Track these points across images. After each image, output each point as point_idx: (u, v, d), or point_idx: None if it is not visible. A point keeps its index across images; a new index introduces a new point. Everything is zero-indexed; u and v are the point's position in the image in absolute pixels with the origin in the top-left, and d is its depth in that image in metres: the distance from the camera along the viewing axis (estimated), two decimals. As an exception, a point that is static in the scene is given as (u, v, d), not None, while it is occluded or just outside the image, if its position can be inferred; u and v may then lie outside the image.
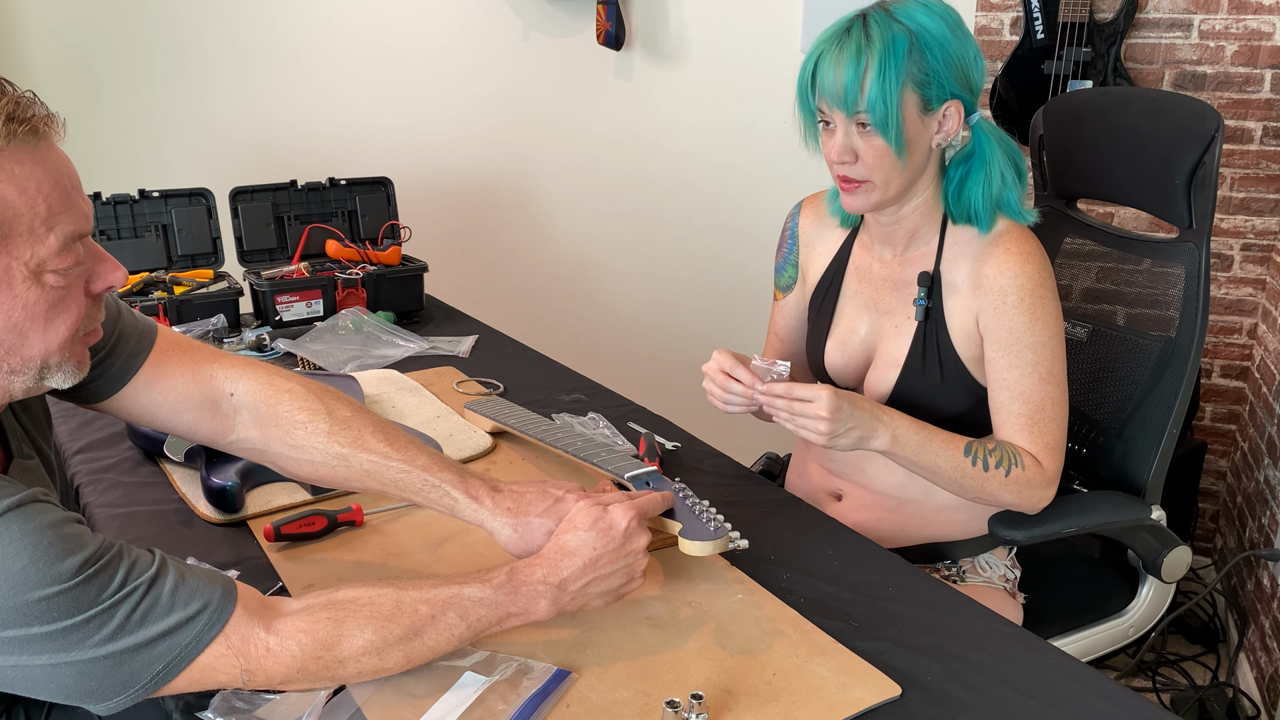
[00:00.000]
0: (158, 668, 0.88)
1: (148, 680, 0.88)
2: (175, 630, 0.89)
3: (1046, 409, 1.37)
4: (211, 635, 0.90)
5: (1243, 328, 2.63)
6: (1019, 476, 1.35)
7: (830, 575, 1.22)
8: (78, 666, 0.86)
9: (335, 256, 2.19)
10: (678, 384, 2.98)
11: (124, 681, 0.87)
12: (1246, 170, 2.53)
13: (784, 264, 1.62)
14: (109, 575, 0.87)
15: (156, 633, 0.88)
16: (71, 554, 0.85)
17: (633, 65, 2.88)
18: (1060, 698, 1.00)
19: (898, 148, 1.31)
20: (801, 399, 1.27)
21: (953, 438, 1.36)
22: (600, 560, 1.03)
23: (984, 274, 1.37)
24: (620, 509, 1.06)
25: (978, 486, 1.36)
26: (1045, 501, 1.39)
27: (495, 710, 0.95)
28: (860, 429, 1.30)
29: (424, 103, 3.01)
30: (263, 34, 2.97)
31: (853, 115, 1.31)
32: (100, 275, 0.95)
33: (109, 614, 0.86)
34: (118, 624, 0.86)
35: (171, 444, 1.35)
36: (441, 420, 1.61)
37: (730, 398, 1.32)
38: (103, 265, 0.95)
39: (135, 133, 3.03)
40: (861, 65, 1.28)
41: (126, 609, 0.87)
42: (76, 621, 0.85)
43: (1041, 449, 1.37)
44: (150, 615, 0.88)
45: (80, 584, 0.85)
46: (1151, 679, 2.32)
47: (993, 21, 2.60)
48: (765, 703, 0.97)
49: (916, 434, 1.34)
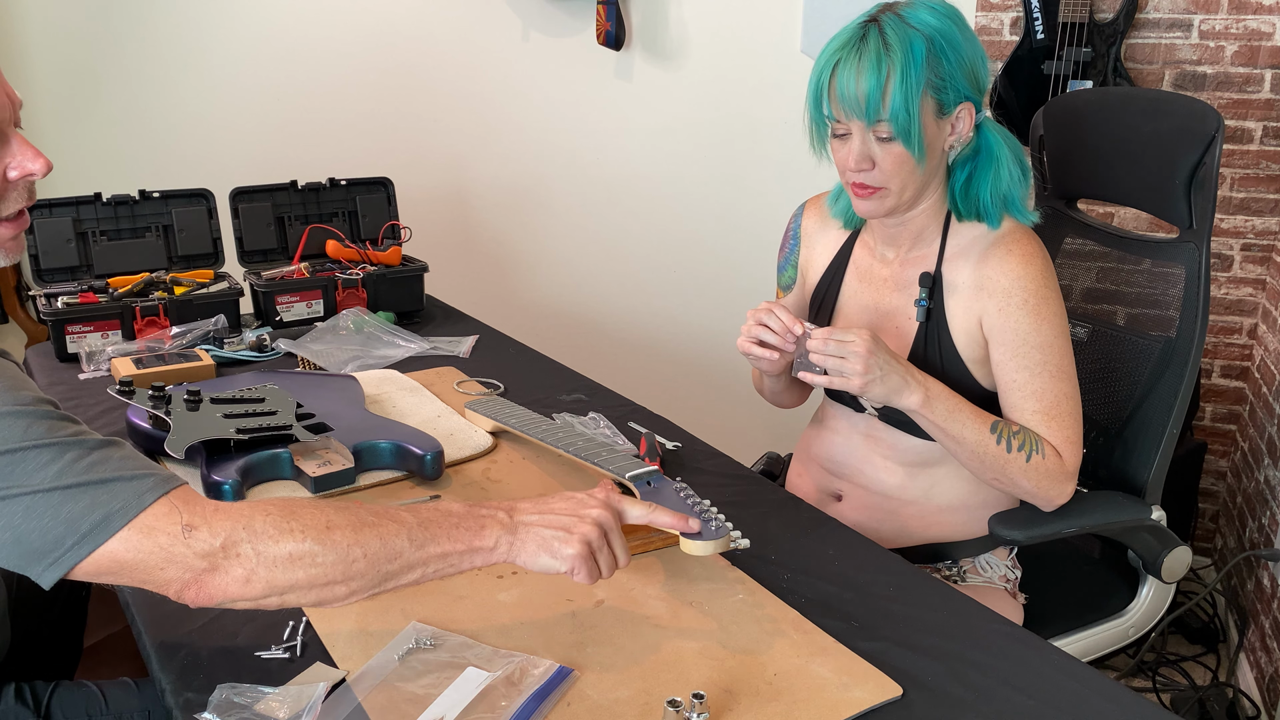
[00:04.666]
0: (98, 514, 0.89)
1: (87, 530, 0.88)
2: (121, 481, 0.90)
3: (1062, 404, 1.37)
4: (156, 495, 0.91)
5: (1243, 328, 2.63)
6: (1039, 464, 1.35)
7: (831, 575, 1.22)
8: (23, 502, 0.87)
9: (335, 257, 2.19)
10: (678, 384, 2.99)
11: (64, 529, 0.88)
12: (1246, 170, 2.53)
13: (785, 263, 1.62)
14: (65, 422, 0.91)
15: (102, 478, 0.90)
16: (34, 393, 0.90)
17: (632, 65, 2.88)
18: (1060, 698, 1.00)
19: (919, 155, 1.31)
20: (840, 339, 1.28)
21: (981, 413, 1.36)
22: (554, 505, 1.04)
23: (986, 276, 1.37)
24: (601, 489, 1.07)
25: (998, 466, 1.36)
26: (1063, 497, 1.39)
27: (497, 707, 0.95)
28: (895, 377, 1.30)
29: (424, 103, 3.01)
30: (263, 34, 2.97)
31: (873, 124, 1.30)
32: (18, 163, 1.00)
33: (58, 450, 0.89)
34: (65, 463, 0.89)
35: (171, 442, 1.35)
36: (442, 420, 1.61)
37: (756, 331, 1.33)
38: (23, 152, 1.00)
39: (135, 133, 3.03)
40: (883, 74, 1.27)
41: (76, 452, 0.90)
42: (24, 447, 0.87)
43: (1061, 442, 1.37)
44: (98, 466, 0.90)
45: (34, 415, 0.89)
46: (1151, 679, 2.32)
47: (993, 21, 2.60)
48: (766, 702, 0.97)
49: (948, 400, 1.34)
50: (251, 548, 0.92)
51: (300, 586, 0.94)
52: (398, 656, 1.03)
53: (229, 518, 0.93)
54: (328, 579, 0.94)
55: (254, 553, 0.92)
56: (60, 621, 1.47)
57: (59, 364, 1.91)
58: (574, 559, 1.00)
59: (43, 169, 1.01)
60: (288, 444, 1.41)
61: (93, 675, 1.23)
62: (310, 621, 1.09)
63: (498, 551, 1.00)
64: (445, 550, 0.98)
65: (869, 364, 1.27)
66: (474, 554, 1.00)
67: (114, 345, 1.91)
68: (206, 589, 0.92)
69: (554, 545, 1.00)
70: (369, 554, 0.95)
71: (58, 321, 1.91)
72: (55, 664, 1.45)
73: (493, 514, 1.02)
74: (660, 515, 1.07)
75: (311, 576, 0.94)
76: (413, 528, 0.98)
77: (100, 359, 1.87)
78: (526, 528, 1.01)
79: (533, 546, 1.01)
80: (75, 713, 1.16)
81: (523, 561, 1.01)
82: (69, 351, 1.92)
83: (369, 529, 0.96)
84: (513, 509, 1.03)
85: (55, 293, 1.98)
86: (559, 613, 1.11)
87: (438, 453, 1.41)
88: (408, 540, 0.97)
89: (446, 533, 0.99)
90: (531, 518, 1.02)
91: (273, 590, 0.94)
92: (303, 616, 1.10)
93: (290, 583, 0.94)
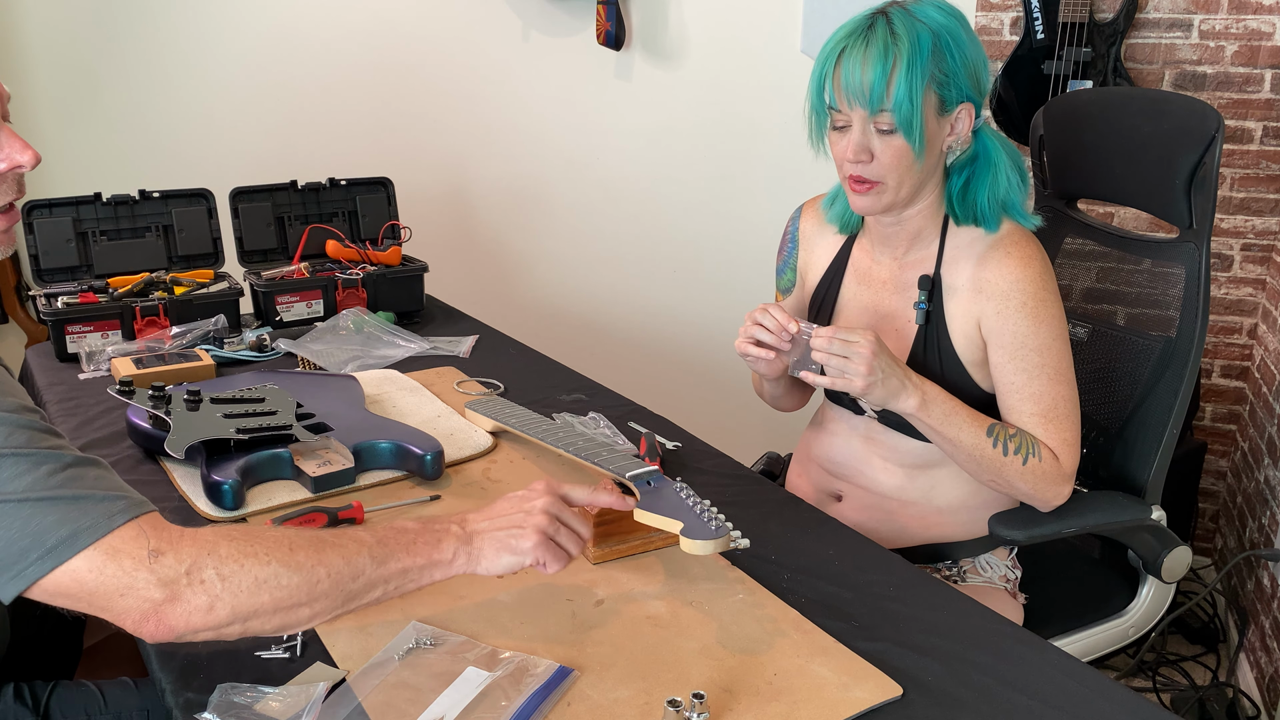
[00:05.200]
0: (65, 530, 0.88)
1: (53, 545, 0.87)
2: (93, 500, 0.90)
3: (1060, 407, 1.37)
4: (126, 518, 0.91)
5: (1243, 328, 2.63)
6: (1036, 467, 1.35)
7: (831, 575, 1.22)
8: None
9: (335, 257, 2.19)
10: (678, 384, 2.99)
11: (29, 542, 0.87)
12: (1246, 170, 2.53)
13: (784, 267, 1.62)
14: (46, 434, 0.91)
15: (75, 494, 0.89)
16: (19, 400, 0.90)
17: (633, 65, 2.88)
18: (1060, 698, 1.00)
19: (919, 149, 1.31)
20: (845, 339, 1.28)
21: (978, 416, 1.36)
22: (501, 507, 1.06)
23: (985, 278, 1.37)
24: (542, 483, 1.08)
25: (994, 469, 1.36)
26: (1060, 499, 1.39)
27: (497, 706, 0.95)
28: (895, 380, 1.30)
29: (424, 103, 3.01)
30: (263, 34, 2.97)
31: (876, 114, 1.30)
32: (5, 155, 1.00)
33: (34, 461, 0.89)
34: (40, 475, 0.88)
35: (172, 442, 1.35)
36: (442, 420, 1.61)
37: (753, 331, 1.33)
38: (11, 144, 1.01)
39: (135, 133, 3.03)
40: (889, 62, 1.26)
41: (51, 465, 0.89)
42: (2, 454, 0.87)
43: (1059, 445, 1.37)
44: (72, 482, 0.90)
45: (15, 424, 0.89)
46: (1151, 679, 2.32)
47: (993, 21, 2.60)
48: (767, 702, 0.97)
49: (945, 403, 1.35)
50: (216, 573, 0.91)
51: (265, 611, 0.93)
52: (398, 656, 1.03)
53: (194, 544, 0.92)
54: (292, 601, 0.94)
55: (218, 577, 0.91)
56: (60, 622, 1.47)
57: (59, 364, 1.91)
58: (534, 549, 1.02)
59: (31, 161, 1.01)
60: (288, 444, 1.41)
61: (92, 676, 1.22)
62: (310, 621, 1.09)
63: (456, 563, 1.02)
64: (405, 565, 0.99)
65: (873, 365, 1.27)
66: (433, 567, 1.01)
67: (114, 345, 1.91)
68: (166, 620, 0.90)
69: (511, 542, 1.02)
70: (332, 573, 0.95)
71: (58, 321, 1.91)
72: (55, 664, 1.45)
73: (446, 527, 1.03)
74: (601, 496, 1.11)
75: (276, 599, 0.93)
76: (372, 545, 0.98)
77: (100, 359, 1.87)
78: (480, 534, 1.03)
79: (491, 550, 1.02)
80: (74, 712, 1.16)
81: (485, 568, 1.02)
82: (69, 351, 1.92)
83: (331, 549, 0.97)
84: (463, 520, 1.05)
85: (55, 293, 1.98)
86: (559, 613, 1.11)
87: (438, 453, 1.41)
88: (369, 557, 0.97)
89: (405, 548, 1.00)
90: (483, 524, 1.04)
91: (236, 616, 0.92)
92: (303, 616, 1.10)
93: (255, 607, 0.92)
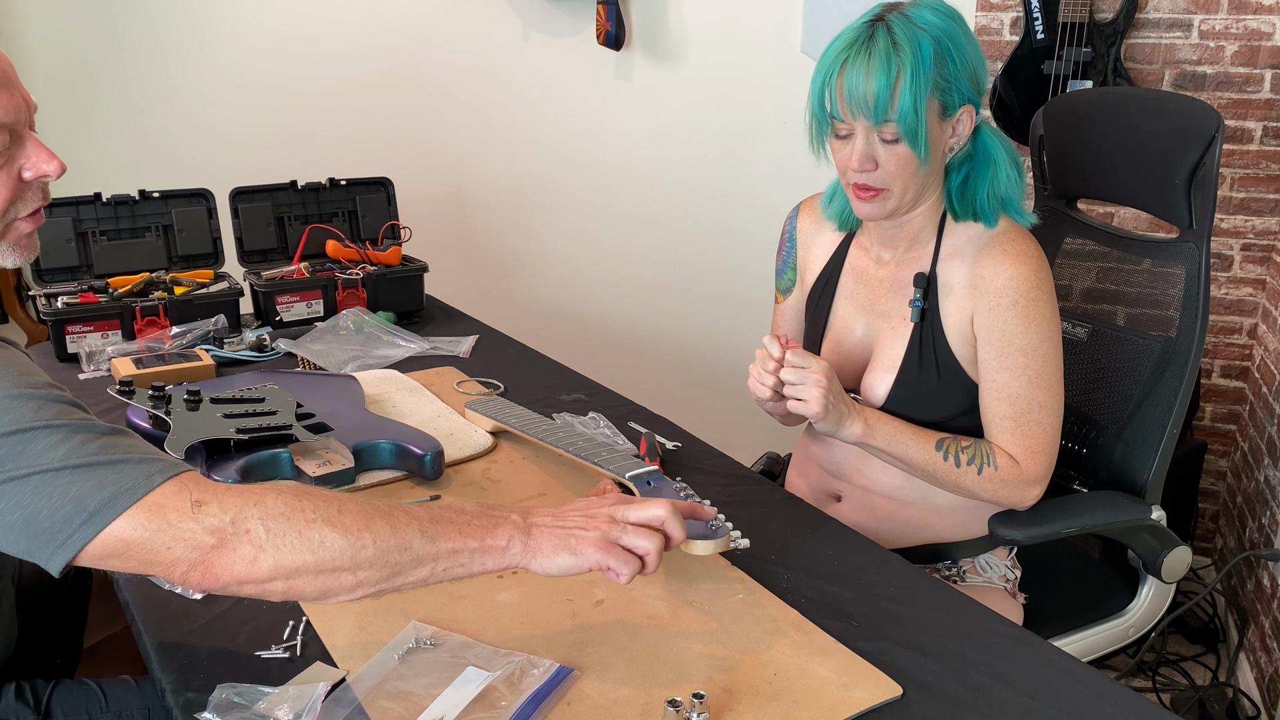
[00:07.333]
0: (106, 493, 0.88)
1: (95, 509, 0.88)
2: (130, 463, 0.91)
3: (1033, 413, 1.36)
4: (165, 477, 0.92)
5: (1243, 328, 2.63)
6: (992, 476, 1.36)
7: (831, 575, 1.22)
8: (32, 481, 0.87)
9: (335, 257, 2.20)
10: (678, 384, 2.99)
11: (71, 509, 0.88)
12: (1246, 170, 2.53)
13: (783, 267, 1.62)
14: (75, 408, 0.93)
15: (112, 459, 0.90)
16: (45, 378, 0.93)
17: (632, 65, 2.88)
18: (1060, 698, 1.00)
19: (923, 157, 1.30)
20: (798, 365, 1.30)
21: (925, 432, 1.38)
22: (570, 510, 1.03)
23: (980, 275, 1.37)
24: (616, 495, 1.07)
25: (951, 482, 1.38)
26: (1028, 501, 1.40)
27: (497, 706, 0.95)
28: (842, 406, 1.33)
29: (424, 103, 3.01)
30: (263, 34, 2.97)
31: (880, 125, 1.29)
32: (33, 164, 1.03)
33: (68, 431, 0.90)
34: (75, 444, 0.90)
35: (171, 441, 1.35)
36: (442, 420, 1.61)
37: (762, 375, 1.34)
38: (38, 154, 1.04)
39: (135, 133, 3.03)
40: (892, 74, 1.25)
41: (86, 434, 0.91)
42: (35, 427, 0.89)
43: (1023, 451, 1.37)
44: (108, 449, 0.91)
45: (45, 399, 0.91)
46: (1151, 679, 2.32)
47: (993, 21, 2.60)
48: (766, 702, 0.97)
49: (886, 424, 1.37)
50: (261, 524, 0.91)
51: (307, 570, 0.92)
52: (398, 656, 1.03)
53: (239, 495, 0.92)
54: (335, 564, 0.92)
55: (263, 529, 0.91)
56: (61, 621, 1.47)
57: (59, 364, 1.91)
58: (595, 553, 0.97)
59: (56, 170, 1.04)
60: (288, 444, 1.41)
61: (93, 675, 1.22)
62: (310, 621, 1.09)
63: (510, 552, 0.97)
64: (456, 546, 0.96)
65: (826, 392, 1.30)
66: (486, 552, 0.97)
67: (114, 345, 1.91)
68: (214, 569, 0.90)
69: (571, 542, 0.97)
70: (379, 541, 0.93)
71: (58, 321, 1.91)
72: (55, 664, 1.45)
73: (505, 515, 1.00)
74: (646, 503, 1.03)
75: (320, 560, 0.92)
76: (424, 521, 0.96)
77: (100, 359, 1.87)
78: (541, 528, 0.99)
79: (549, 546, 0.97)
80: (75, 710, 1.16)
81: (540, 564, 0.97)
82: (69, 351, 1.92)
83: (380, 517, 0.95)
84: (526, 511, 1.02)
85: (55, 293, 1.98)
86: (559, 613, 1.11)
87: (438, 453, 1.41)
88: (419, 533, 0.95)
89: (458, 529, 0.97)
90: (545, 519, 1.00)
91: (279, 572, 0.91)
92: (302, 616, 1.10)
93: (297, 565, 0.91)
